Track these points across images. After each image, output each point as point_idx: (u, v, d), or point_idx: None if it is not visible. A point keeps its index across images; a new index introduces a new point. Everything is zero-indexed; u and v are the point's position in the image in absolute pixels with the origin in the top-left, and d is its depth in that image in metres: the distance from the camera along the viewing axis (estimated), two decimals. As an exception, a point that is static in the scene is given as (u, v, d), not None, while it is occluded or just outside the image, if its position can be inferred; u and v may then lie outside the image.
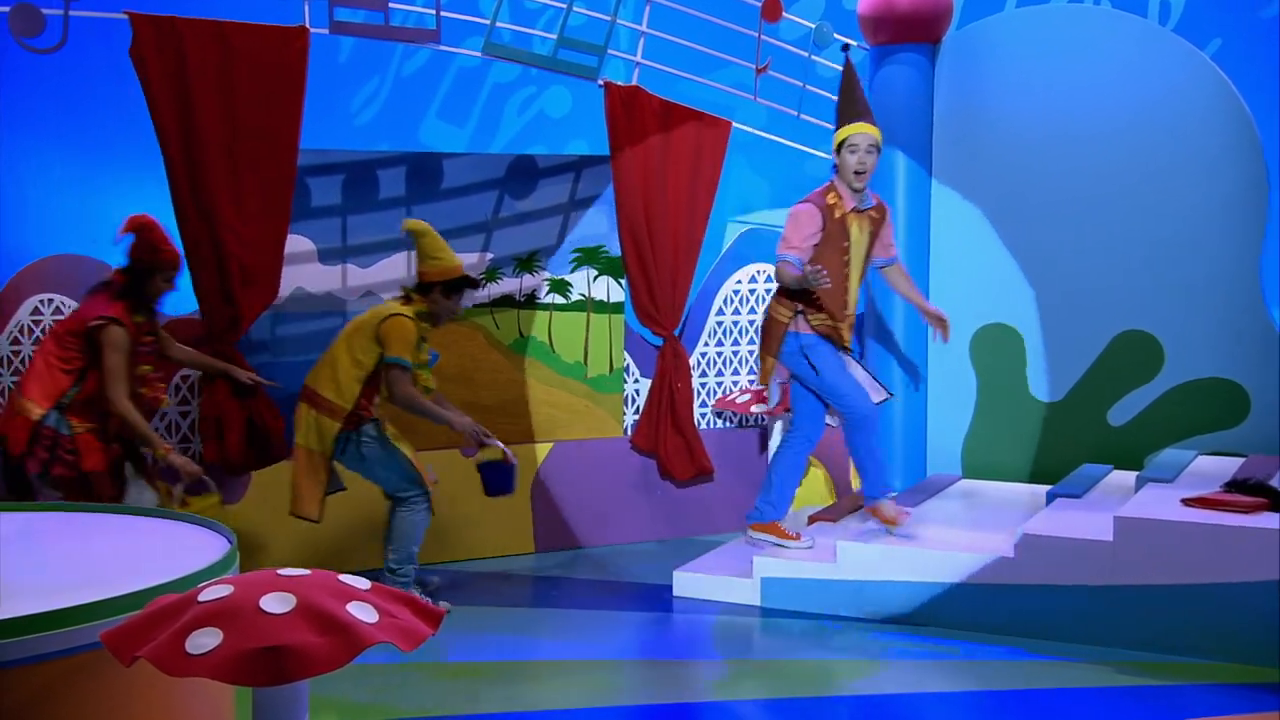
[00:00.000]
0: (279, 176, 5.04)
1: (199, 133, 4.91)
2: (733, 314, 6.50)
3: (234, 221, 4.97)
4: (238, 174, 4.97)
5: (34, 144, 5.83)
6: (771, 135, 6.37)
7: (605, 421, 6.21)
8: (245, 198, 5.00)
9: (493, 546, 5.79)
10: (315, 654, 2.23)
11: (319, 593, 2.36)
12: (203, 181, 4.92)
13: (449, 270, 4.80)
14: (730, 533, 6.09)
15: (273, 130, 5.00)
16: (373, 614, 2.37)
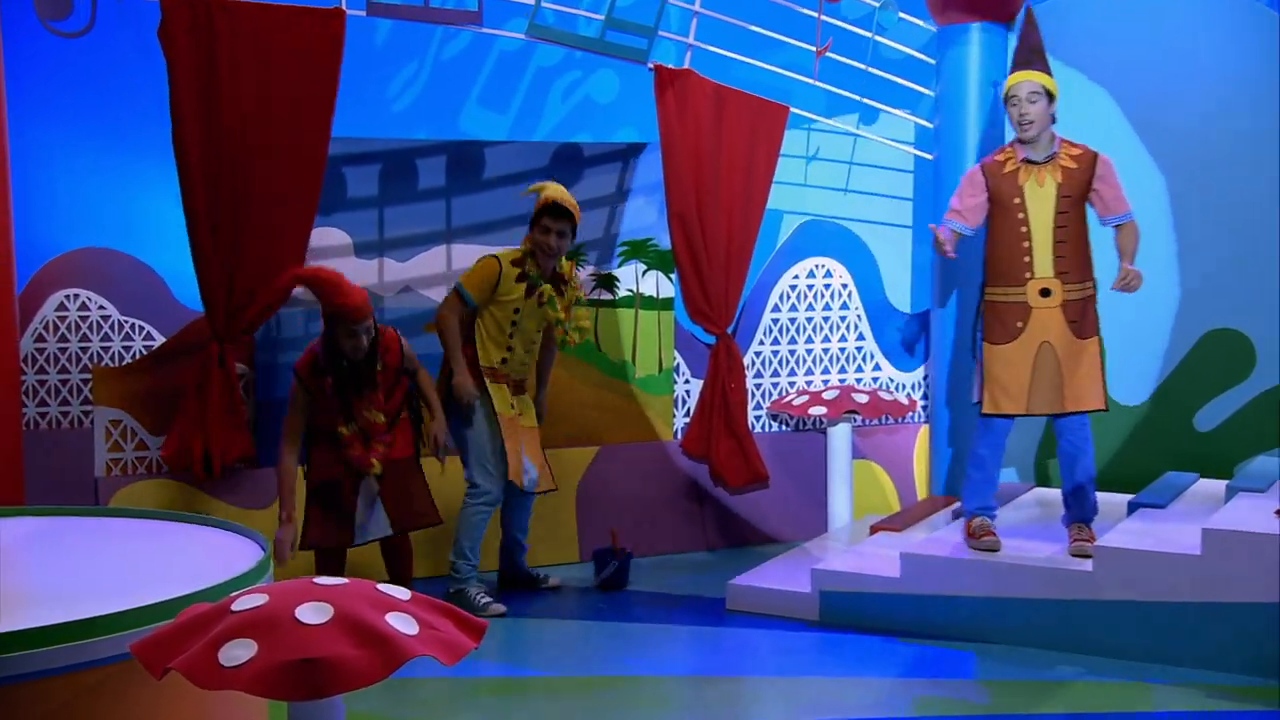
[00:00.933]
0: (307, 165, 5.06)
1: (222, 118, 4.94)
2: (789, 310, 6.46)
3: (252, 211, 4.99)
4: (261, 161, 4.99)
5: (60, 132, 5.91)
6: (832, 121, 6.33)
7: (654, 424, 6.21)
8: (268, 186, 5.02)
9: (536, 556, 5.80)
10: (353, 667, 2.24)
11: (357, 603, 2.37)
12: (219, 168, 4.95)
13: (538, 202, 5.08)
14: (787, 542, 6.05)
15: (303, 116, 5.03)
16: (413, 625, 2.38)
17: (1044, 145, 4.82)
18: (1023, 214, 4.82)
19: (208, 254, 4.98)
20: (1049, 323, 4.79)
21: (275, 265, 5.03)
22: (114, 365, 5.88)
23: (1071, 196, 4.78)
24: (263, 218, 5.02)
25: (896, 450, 6.53)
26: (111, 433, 5.18)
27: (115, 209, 6.05)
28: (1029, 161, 4.84)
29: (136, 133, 5.90)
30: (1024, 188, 4.83)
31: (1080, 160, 4.80)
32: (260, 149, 5.00)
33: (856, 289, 6.56)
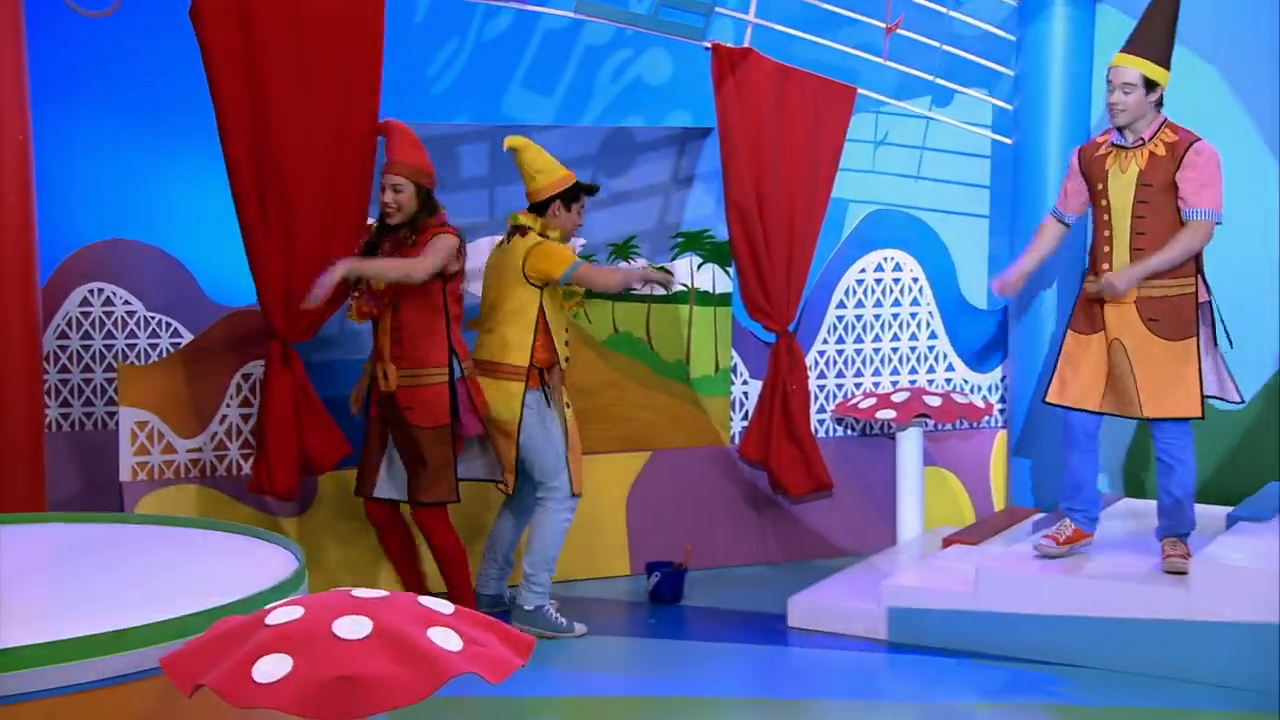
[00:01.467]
0: (358, 150, 5.07)
1: (264, 103, 4.96)
2: (856, 307, 6.42)
3: (304, 202, 5.01)
4: (309, 145, 5.01)
5: (85, 117, 5.97)
6: (903, 103, 6.27)
7: (709, 428, 6.18)
8: (318, 174, 5.03)
9: (583, 567, 5.80)
10: (393, 685, 2.24)
11: (398, 617, 2.37)
12: (268, 157, 4.97)
13: (562, 180, 5.02)
14: (852, 555, 6.01)
15: (350, 96, 5.04)
16: (457, 641, 2.38)
17: (1137, 130, 4.75)
18: (1105, 201, 4.79)
19: (262, 248, 4.98)
20: (1122, 319, 4.75)
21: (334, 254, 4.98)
22: (140, 364, 5.94)
23: (1154, 185, 4.70)
24: (315, 207, 5.02)
25: (972, 457, 6.46)
26: (137, 435, 5.23)
27: (142, 199, 6.11)
28: (1118, 146, 4.78)
29: (166, 118, 5.95)
30: (1108, 173, 4.77)
31: (1174, 147, 4.72)
32: (307, 133, 5.00)
33: (929, 283, 6.49)
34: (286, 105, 4.96)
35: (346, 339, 5.57)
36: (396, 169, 4.79)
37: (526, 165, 5.03)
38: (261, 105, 4.95)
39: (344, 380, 5.43)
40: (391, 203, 4.79)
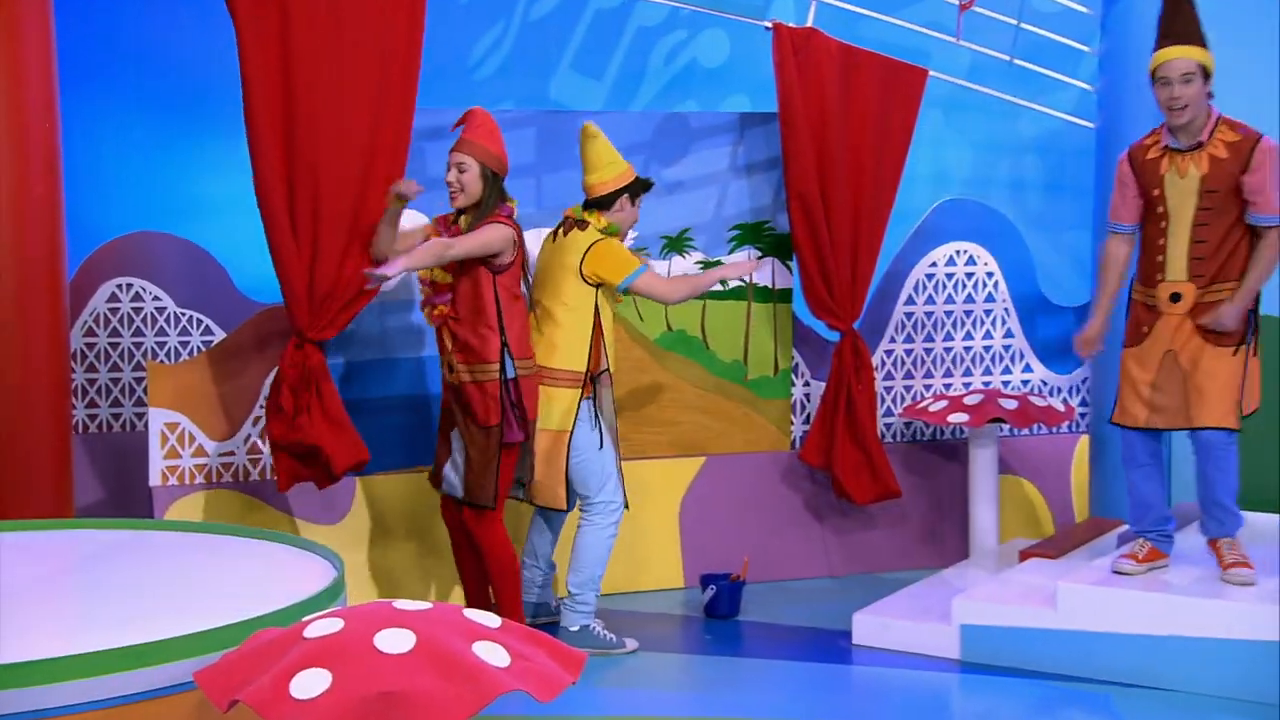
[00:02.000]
0: (393, 141, 5.10)
1: (296, 89, 4.98)
2: (926, 303, 6.38)
3: (333, 194, 5.04)
4: (342, 134, 5.04)
5: (113, 104, 6.05)
6: (976, 86, 6.22)
7: (768, 432, 6.16)
8: (350, 166, 5.05)
9: (634, 579, 5.80)
10: (437, 702, 2.24)
11: (442, 630, 2.37)
12: (300, 143, 5.00)
13: (624, 175, 5.05)
14: (922, 568, 5.98)
15: (386, 86, 5.07)
16: (504, 657, 2.38)
17: (1194, 130, 4.68)
18: (1162, 208, 4.75)
19: (286, 241, 5.00)
20: (1176, 331, 4.73)
21: (361, 253, 5.05)
22: (170, 362, 6.00)
23: (1219, 191, 4.66)
24: (345, 199, 5.05)
25: (1051, 464, 6.42)
26: (168, 437, 5.28)
27: (172, 189, 6.18)
28: (1173, 149, 4.71)
29: (198, 106, 6.02)
30: (1164, 178, 4.73)
31: (1236, 148, 4.66)
32: (340, 122, 5.03)
33: (1004, 278, 6.46)
34: (319, 92, 4.99)
35: (389, 337, 5.60)
36: (463, 147, 4.80)
37: (594, 155, 5.00)
38: (293, 91, 4.97)
39: (377, 381, 5.47)
40: (455, 182, 4.78)
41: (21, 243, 4.88)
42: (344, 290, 5.08)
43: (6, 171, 4.83)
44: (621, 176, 5.02)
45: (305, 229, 5.02)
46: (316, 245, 5.02)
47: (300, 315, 5.05)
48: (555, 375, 4.95)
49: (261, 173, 4.96)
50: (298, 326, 5.06)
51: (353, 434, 5.14)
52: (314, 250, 5.03)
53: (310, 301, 5.05)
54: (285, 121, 4.98)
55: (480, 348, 4.75)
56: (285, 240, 4.99)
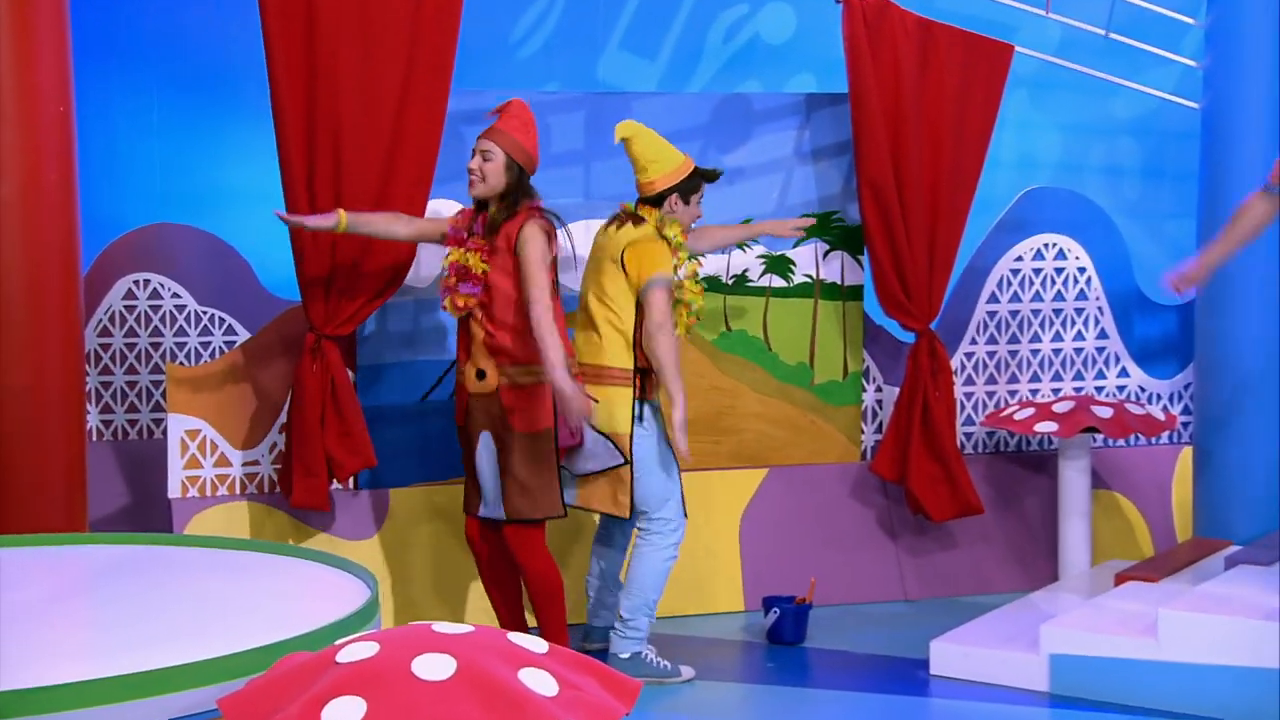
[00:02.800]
0: (423, 129, 5.14)
1: (322, 72, 5.05)
2: (1010, 301, 6.35)
3: (357, 184, 5.08)
4: (369, 118, 5.08)
5: (129, 84, 6.11)
6: (1068, 62, 6.17)
7: (837, 442, 6.15)
8: (375, 155, 5.11)
9: (691, 602, 5.79)
10: (481, 735, 2.24)
11: (485, 655, 2.37)
12: (321, 126, 5.05)
13: (679, 170, 5.03)
14: (1007, 592, 5.95)
15: (416, 70, 5.11)
16: (552, 685, 2.38)
17: None
18: None
19: (306, 232, 5.07)
20: None
21: (384, 245, 5.10)
22: (190, 364, 6.06)
23: None
24: (369, 190, 5.10)
25: (1149, 478, 6.38)
26: (188, 445, 5.33)
27: (193, 177, 6.23)
28: None
29: (221, 89, 6.07)
30: None
31: None
32: (367, 109, 5.09)
33: (1098, 273, 6.42)
34: (346, 75, 5.05)
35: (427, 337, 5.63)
36: (492, 134, 4.80)
37: (637, 156, 5.02)
38: (319, 75, 5.04)
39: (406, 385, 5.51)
40: (476, 170, 4.78)
41: (33, 234, 4.92)
42: (365, 283, 5.12)
43: (17, 157, 4.87)
44: (672, 174, 5.02)
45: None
46: (336, 238, 5.06)
47: (316, 309, 5.11)
48: (603, 372, 4.96)
49: (286, 158, 5.02)
50: (314, 321, 5.11)
51: (363, 438, 5.21)
52: (332, 240, 5.07)
53: (327, 294, 5.10)
54: (308, 103, 5.03)
55: (526, 350, 4.75)
56: (306, 232, 5.04)
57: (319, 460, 5.17)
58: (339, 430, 5.20)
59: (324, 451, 5.17)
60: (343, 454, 5.22)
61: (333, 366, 5.19)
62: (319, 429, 5.17)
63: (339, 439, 5.21)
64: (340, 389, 5.19)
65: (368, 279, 5.17)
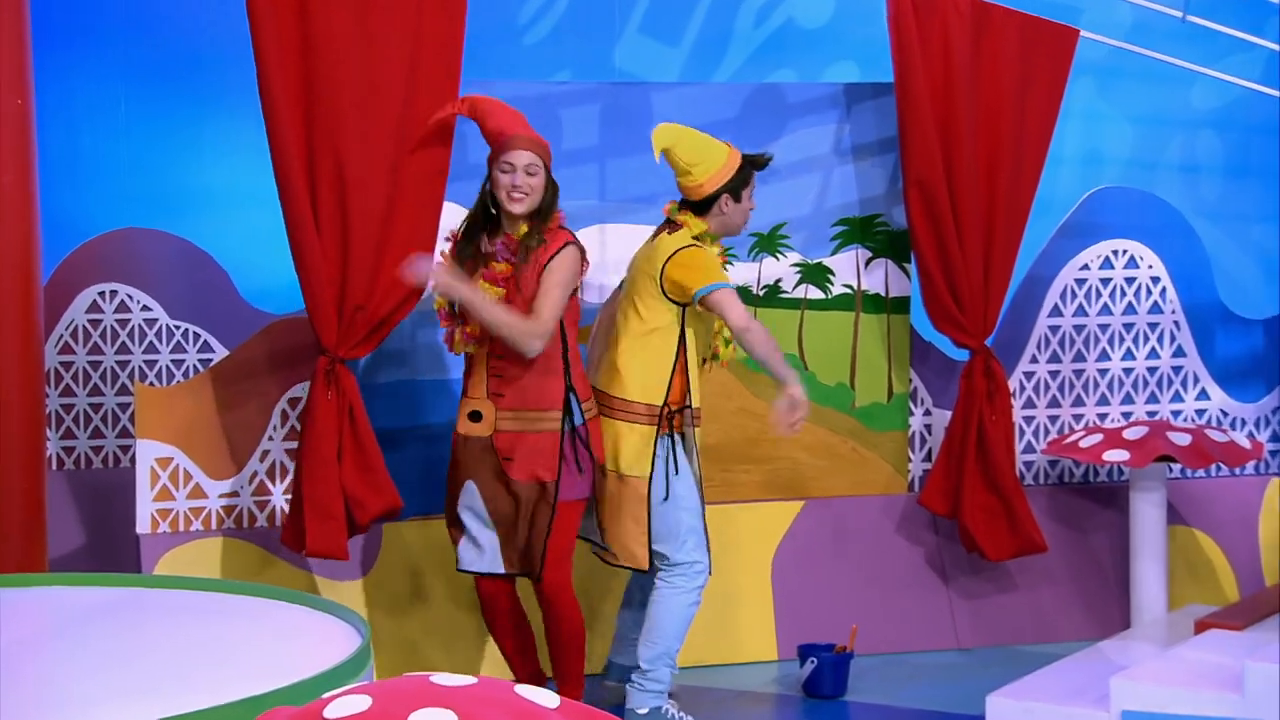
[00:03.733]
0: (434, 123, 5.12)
1: (319, 64, 5.05)
2: (1075, 314, 6.34)
3: (364, 189, 5.08)
4: (374, 121, 5.09)
5: (93, 75, 6.12)
6: (1139, 48, 6.17)
7: (881, 471, 6.14)
8: (382, 155, 5.10)
9: (718, 650, 5.78)
10: (486, 801, 2.23)
11: (489, 711, 2.36)
12: (320, 122, 5.06)
13: (727, 165, 5.02)
14: (1073, 640, 5.93)
15: (423, 57, 5.11)
16: (565, 746, 2.35)
17: None
18: None
19: (311, 244, 5.05)
20: None
21: (400, 251, 5.06)
22: (162, 384, 6.05)
23: None
24: (378, 194, 5.09)
25: (1233, 513, 6.37)
26: (159, 475, 5.33)
27: (164, 178, 6.24)
28: None
29: (196, 76, 6.09)
30: None
31: None
32: (372, 103, 5.09)
33: (1173, 283, 6.41)
34: (347, 66, 5.05)
35: (423, 355, 5.62)
36: (524, 144, 4.79)
37: (681, 159, 5.03)
38: (316, 67, 5.04)
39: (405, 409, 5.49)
40: (524, 186, 4.78)
41: (-13, 242, 4.94)
42: (383, 297, 5.10)
43: (-31, 157, 4.90)
44: (719, 174, 5.02)
45: (331, 225, 5.06)
46: (346, 243, 5.06)
47: (328, 329, 5.08)
48: (622, 408, 4.98)
49: (281, 157, 5.01)
50: (326, 344, 5.09)
51: (384, 475, 5.18)
52: (343, 250, 5.06)
53: (340, 311, 5.08)
54: (302, 95, 5.03)
55: (538, 393, 4.78)
56: (309, 238, 5.03)
57: (336, 501, 5.10)
58: (359, 465, 5.15)
59: (342, 490, 5.12)
60: (365, 493, 5.14)
61: (349, 393, 5.14)
62: (335, 465, 5.10)
63: (360, 475, 5.15)
64: (359, 419, 5.15)
65: (387, 290, 5.12)
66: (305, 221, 5.04)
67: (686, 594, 5.03)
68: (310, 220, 5.05)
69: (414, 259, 4.88)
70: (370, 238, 5.07)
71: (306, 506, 5.09)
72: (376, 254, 5.11)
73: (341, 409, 5.13)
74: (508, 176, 4.78)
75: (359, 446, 5.16)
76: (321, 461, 5.10)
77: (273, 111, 5.01)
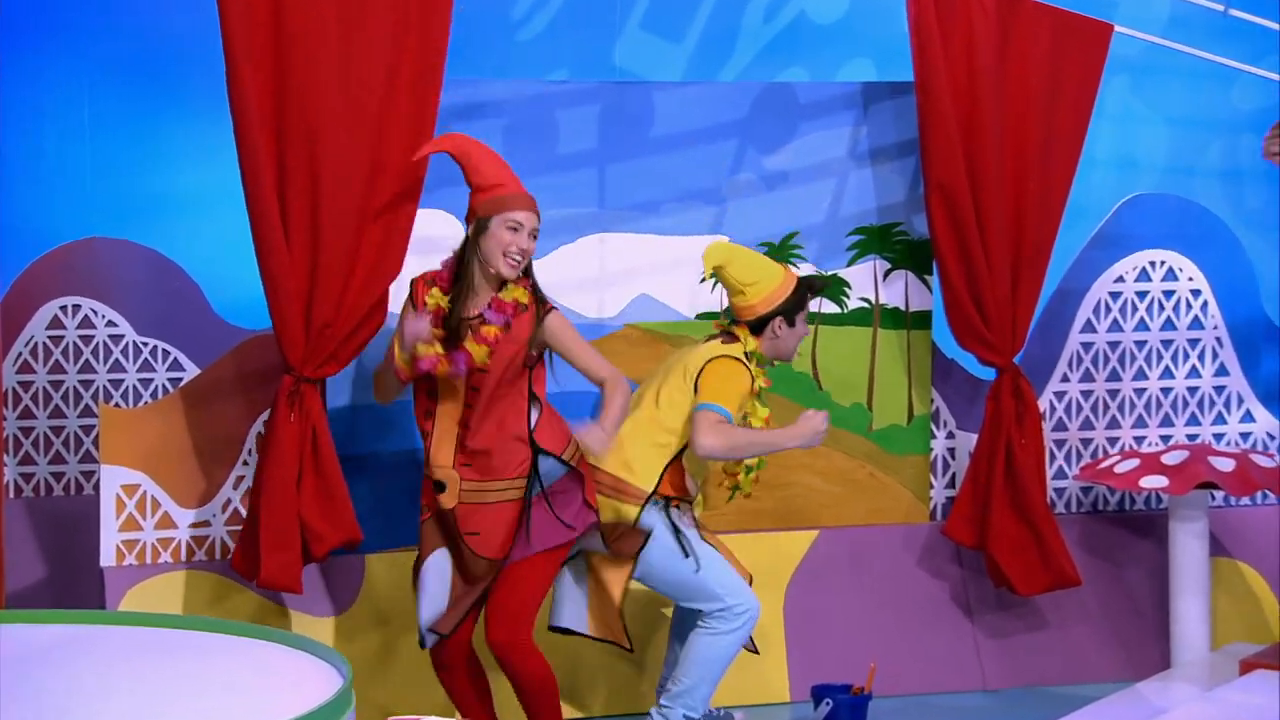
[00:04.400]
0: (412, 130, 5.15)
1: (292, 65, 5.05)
2: (1110, 330, 6.35)
3: (340, 185, 5.09)
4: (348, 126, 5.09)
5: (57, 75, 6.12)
6: (1178, 44, 6.18)
7: (901, 499, 6.15)
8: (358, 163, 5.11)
9: (727, 690, 5.73)
10: None
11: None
12: (291, 122, 5.06)
13: (782, 287, 5.18)
14: (1108, 681, 5.93)
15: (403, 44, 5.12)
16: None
17: None
18: None
19: (278, 256, 5.05)
20: None
21: (371, 265, 5.10)
22: (128, 406, 6.04)
23: None
24: (350, 192, 5.10)
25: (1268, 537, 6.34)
26: (125, 503, 5.31)
27: (131, 184, 6.24)
28: None
29: (163, 78, 6.10)
30: None
31: None
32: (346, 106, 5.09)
33: (1215, 297, 6.42)
34: (323, 63, 5.05)
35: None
36: (531, 204, 4.85)
37: (734, 279, 5.19)
38: (288, 68, 5.04)
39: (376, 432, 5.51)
40: (529, 250, 4.84)
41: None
42: (353, 311, 5.11)
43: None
44: (771, 295, 5.18)
45: (300, 234, 5.06)
46: (315, 255, 5.07)
47: (294, 346, 5.08)
48: (620, 486, 5.13)
49: (251, 165, 5.01)
50: (292, 361, 5.09)
51: (345, 505, 5.20)
52: (311, 261, 5.06)
53: (307, 326, 5.08)
54: (274, 96, 5.04)
55: (505, 460, 4.84)
56: (277, 248, 5.03)
57: (292, 531, 5.12)
58: (320, 494, 5.17)
59: (299, 520, 5.14)
60: (323, 524, 5.17)
61: (313, 416, 5.15)
62: (294, 492, 5.13)
63: (319, 505, 5.17)
64: (322, 444, 5.17)
65: (356, 306, 5.13)
66: (273, 231, 5.04)
67: (723, 636, 5.10)
68: (279, 230, 5.05)
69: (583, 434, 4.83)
70: (342, 251, 5.07)
71: (262, 535, 5.10)
72: (347, 268, 5.11)
73: (304, 432, 5.14)
74: (513, 236, 4.79)
75: (320, 473, 5.17)
76: (280, 487, 5.11)
77: (242, 111, 5.00)
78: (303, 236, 5.07)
